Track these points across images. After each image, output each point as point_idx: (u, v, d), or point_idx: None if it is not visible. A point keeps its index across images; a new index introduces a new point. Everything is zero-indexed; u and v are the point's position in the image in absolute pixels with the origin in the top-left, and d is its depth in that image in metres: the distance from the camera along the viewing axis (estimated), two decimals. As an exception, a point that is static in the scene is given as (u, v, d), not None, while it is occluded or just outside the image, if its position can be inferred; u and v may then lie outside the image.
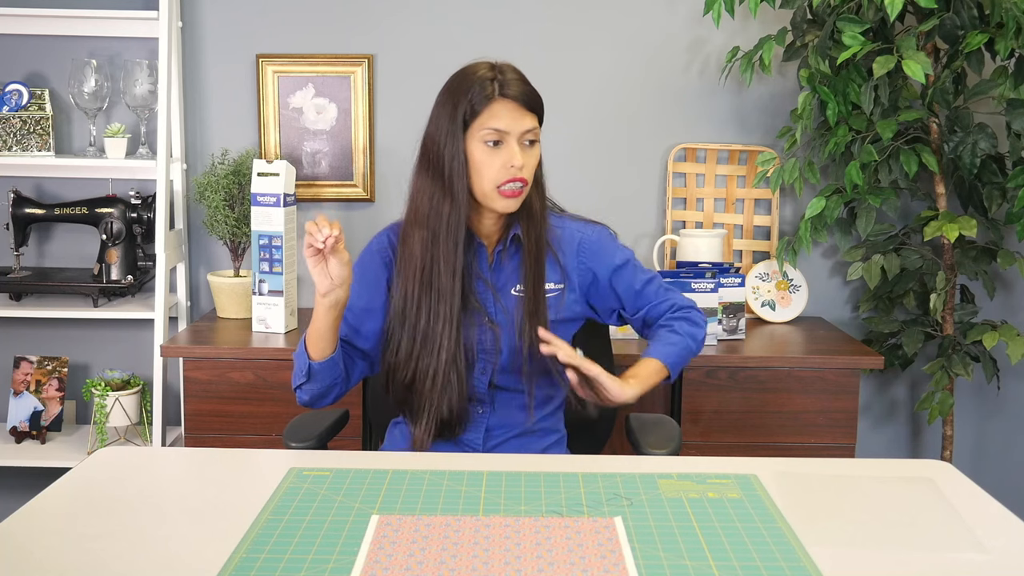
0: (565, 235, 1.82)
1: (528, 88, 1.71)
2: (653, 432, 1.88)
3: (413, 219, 1.75)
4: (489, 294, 1.78)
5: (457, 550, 1.26)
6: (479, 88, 1.68)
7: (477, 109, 1.68)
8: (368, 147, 2.85)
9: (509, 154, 1.68)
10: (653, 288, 1.87)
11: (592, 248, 1.83)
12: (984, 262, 2.66)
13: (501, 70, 1.71)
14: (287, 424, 1.89)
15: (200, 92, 2.85)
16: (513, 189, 1.69)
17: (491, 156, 1.68)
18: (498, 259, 1.79)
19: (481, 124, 1.68)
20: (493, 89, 1.68)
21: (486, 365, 1.79)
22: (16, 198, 2.74)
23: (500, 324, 1.77)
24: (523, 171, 1.69)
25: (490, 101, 1.68)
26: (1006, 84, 2.40)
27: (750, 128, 2.86)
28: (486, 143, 1.68)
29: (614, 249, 1.85)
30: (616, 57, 2.84)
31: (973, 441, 3.00)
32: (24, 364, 2.85)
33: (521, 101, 1.69)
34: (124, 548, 1.26)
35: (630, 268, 1.85)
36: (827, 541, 1.31)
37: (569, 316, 1.84)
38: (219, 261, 2.92)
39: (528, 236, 1.76)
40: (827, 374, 2.47)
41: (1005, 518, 1.40)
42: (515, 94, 1.68)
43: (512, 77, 1.71)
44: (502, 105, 1.68)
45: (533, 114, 1.71)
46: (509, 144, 1.68)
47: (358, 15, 2.82)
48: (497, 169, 1.68)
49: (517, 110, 1.68)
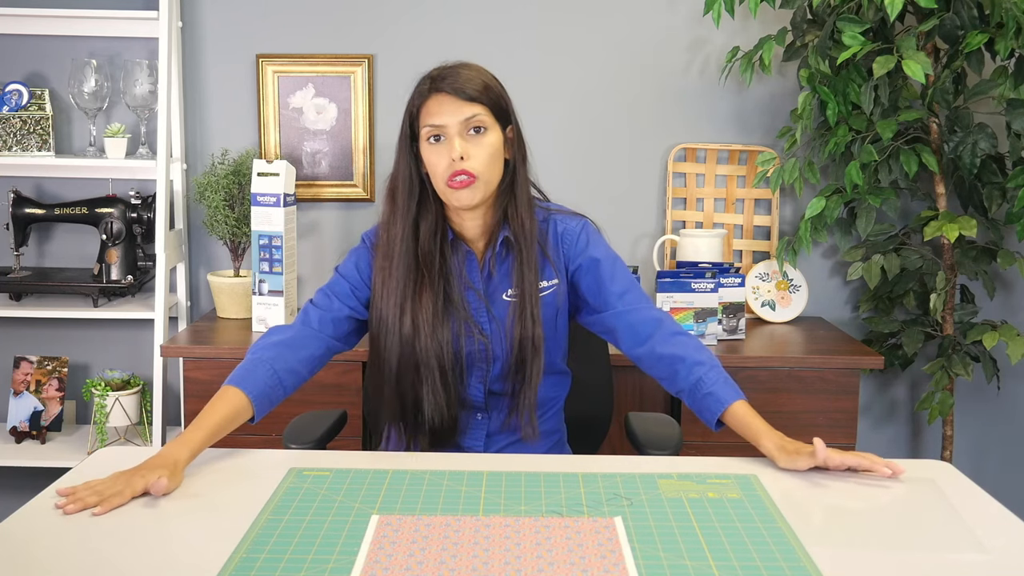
0: (548, 228, 1.78)
1: (469, 79, 1.66)
2: (653, 432, 1.88)
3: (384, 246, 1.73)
4: (481, 304, 1.75)
5: (457, 550, 1.26)
6: (417, 90, 1.69)
7: (417, 110, 1.68)
8: (368, 147, 2.85)
9: (450, 147, 1.64)
10: (632, 296, 1.76)
11: (570, 239, 1.77)
12: (984, 262, 2.66)
13: (447, 67, 1.69)
14: (287, 424, 1.89)
15: (200, 92, 2.85)
16: (460, 181, 1.64)
17: (436, 153, 1.66)
18: (488, 266, 1.75)
19: (422, 123, 1.67)
20: (427, 86, 1.68)
21: (481, 374, 1.77)
22: (16, 198, 2.74)
23: (491, 333, 1.75)
24: (467, 162, 1.64)
25: (425, 99, 1.67)
26: (1006, 84, 2.40)
27: (750, 128, 2.86)
28: (428, 140, 1.66)
29: (589, 243, 1.78)
30: (616, 57, 2.84)
31: (973, 441, 3.00)
32: (24, 364, 2.85)
33: (455, 92, 1.65)
34: (124, 548, 1.26)
35: (605, 265, 1.77)
36: (827, 541, 1.31)
37: (566, 309, 1.81)
38: (219, 261, 2.92)
39: (518, 240, 1.72)
40: (827, 374, 2.47)
41: (1005, 518, 1.40)
42: (449, 87, 1.65)
43: (451, 71, 1.67)
44: (436, 100, 1.66)
45: (474, 103, 1.65)
46: (450, 137, 1.65)
47: (358, 15, 2.82)
48: (443, 165, 1.65)
49: (453, 102, 1.65)
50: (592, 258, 1.77)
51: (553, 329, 1.79)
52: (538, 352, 1.73)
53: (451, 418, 1.74)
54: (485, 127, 1.67)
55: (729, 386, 1.67)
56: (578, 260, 1.77)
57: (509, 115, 1.72)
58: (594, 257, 1.77)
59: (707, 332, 2.52)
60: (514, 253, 1.73)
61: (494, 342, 1.75)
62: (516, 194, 1.73)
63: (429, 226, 1.72)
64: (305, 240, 2.90)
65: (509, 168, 1.73)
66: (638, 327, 1.73)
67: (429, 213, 1.72)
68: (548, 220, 1.78)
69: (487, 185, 1.67)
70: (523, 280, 1.72)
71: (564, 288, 1.78)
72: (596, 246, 1.78)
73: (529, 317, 1.71)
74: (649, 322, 1.73)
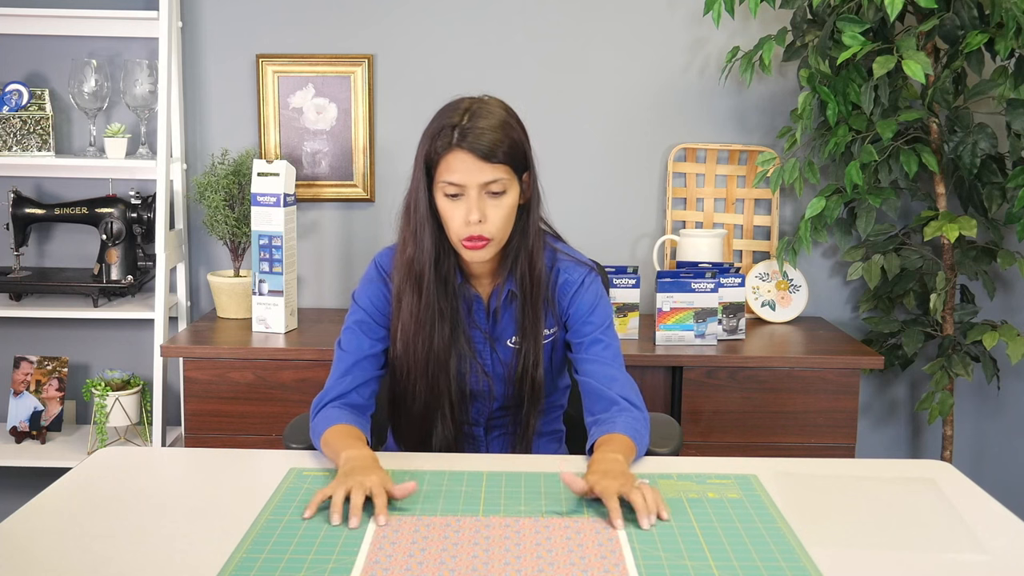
0: (553, 275, 1.74)
1: (491, 135, 1.57)
2: (653, 432, 1.88)
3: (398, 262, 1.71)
4: (487, 344, 1.75)
5: (457, 550, 1.26)
6: (441, 136, 1.59)
7: (437, 159, 1.59)
8: (368, 147, 2.85)
9: (467, 208, 1.59)
10: (610, 354, 1.72)
11: (567, 291, 1.74)
12: (984, 262, 2.66)
13: (473, 114, 1.59)
14: (287, 424, 1.89)
15: (200, 92, 2.85)
16: (474, 244, 1.61)
17: (452, 208, 1.60)
18: (494, 314, 1.74)
19: (440, 175, 1.60)
20: (451, 138, 1.57)
21: (481, 407, 1.79)
22: (16, 198, 2.74)
23: (495, 375, 1.76)
24: (483, 226, 1.60)
25: (447, 151, 1.58)
26: (1006, 84, 2.39)
27: (750, 128, 2.86)
28: (446, 195, 1.60)
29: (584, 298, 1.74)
30: (616, 57, 2.84)
31: (973, 441, 3.00)
32: (24, 364, 2.85)
33: (479, 152, 1.56)
34: (124, 548, 1.26)
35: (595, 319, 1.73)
36: (827, 541, 1.31)
37: (562, 350, 1.81)
38: (219, 261, 2.92)
39: (523, 289, 1.70)
40: (827, 374, 2.47)
41: (1005, 518, 1.40)
42: (473, 145, 1.56)
43: (478, 124, 1.57)
44: (458, 157, 1.57)
45: (495, 163, 1.58)
46: (468, 197, 1.59)
47: (358, 15, 2.82)
48: (458, 223, 1.60)
49: (474, 162, 1.57)
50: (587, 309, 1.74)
51: (551, 368, 1.81)
52: (538, 395, 1.74)
53: (458, 440, 1.77)
54: (505, 189, 1.61)
55: (629, 428, 1.61)
56: (569, 311, 1.75)
57: (528, 163, 1.66)
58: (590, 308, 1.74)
59: (707, 332, 2.52)
60: (518, 301, 1.72)
61: (496, 382, 1.77)
62: (526, 238, 1.69)
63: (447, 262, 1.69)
64: (305, 240, 2.90)
65: (522, 213, 1.68)
66: (593, 401, 1.70)
67: (444, 250, 1.68)
68: (554, 267, 1.74)
69: (500, 242, 1.65)
70: (526, 329, 1.71)
71: (561, 336, 1.78)
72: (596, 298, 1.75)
73: (531, 367, 1.72)
74: (603, 400, 1.68)
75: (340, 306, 2.92)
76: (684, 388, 2.46)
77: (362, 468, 1.43)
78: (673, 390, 2.51)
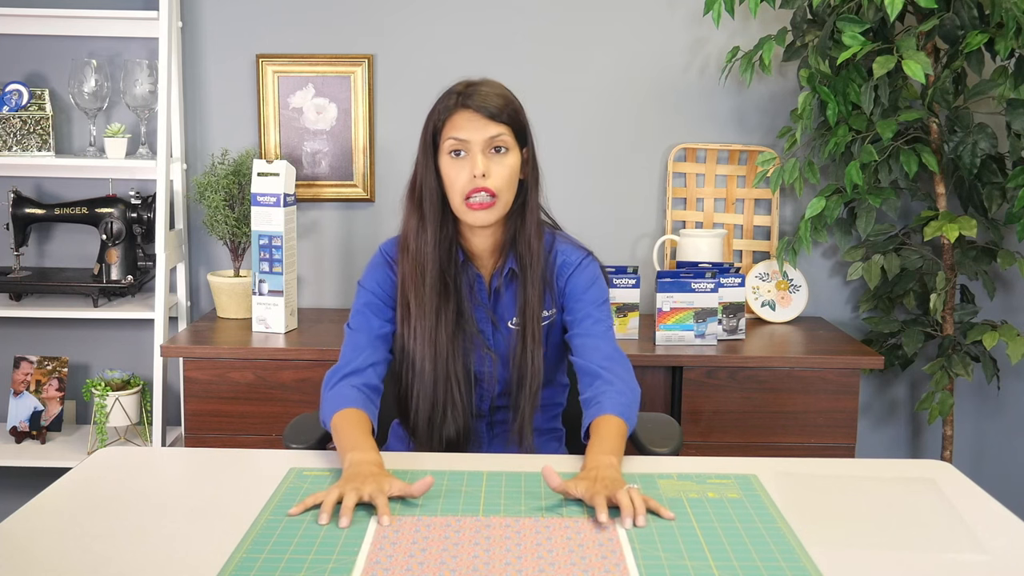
0: (552, 257, 1.78)
1: (495, 98, 1.67)
2: (653, 432, 1.88)
3: (403, 245, 1.75)
4: (489, 323, 1.78)
5: (457, 550, 1.26)
6: (444, 103, 1.69)
7: (441, 123, 1.68)
8: (368, 147, 2.85)
9: (472, 163, 1.65)
10: (600, 329, 1.75)
11: (565, 272, 1.78)
12: (984, 262, 2.66)
13: (472, 83, 1.70)
14: (287, 424, 1.89)
15: (200, 92, 2.85)
16: (480, 201, 1.66)
17: (456, 168, 1.67)
18: (496, 293, 1.78)
19: (445, 136, 1.68)
20: (455, 101, 1.68)
21: (484, 394, 1.80)
22: (16, 198, 2.74)
23: (499, 355, 1.78)
24: (488, 180, 1.65)
25: (452, 112, 1.67)
26: (1006, 84, 2.40)
27: (750, 128, 2.86)
28: (450, 154, 1.67)
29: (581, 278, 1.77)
30: (616, 57, 2.84)
31: (973, 441, 3.00)
32: (24, 364, 2.85)
33: (482, 110, 1.66)
34: (124, 548, 1.26)
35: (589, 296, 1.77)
36: (827, 541, 1.31)
37: (560, 332, 1.83)
38: (219, 261, 2.92)
39: (523, 267, 1.73)
40: (827, 374, 2.47)
41: (1005, 518, 1.40)
42: (477, 104, 1.66)
43: (481, 89, 1.68)
44: (463, 115, 1.66)
45: (499, 123, 1.67)
46: (472, 153, 1.66)
47: (358, 15, 2.82)
48: (463, 181, 1.66)
49: (479, 119, 1.66)
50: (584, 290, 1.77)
51: (550, 355, 1.82)
52: (537, 377, 1.75)
53: (467, 428, 1.77)
54: (507, 148, 1.68)
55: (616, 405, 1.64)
56: (566, 290, 1.78)
57: (527, 137, 1.74)
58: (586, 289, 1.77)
59: (707, 332, 2.52)
60: (519, 281, 1.75)
61: (498, 364, 1.78)
62: (526, 216, 1.74)
63: (450, 240, 1.74)
64: (305, 240, 2.90)
65: (522, 189, 1.74)
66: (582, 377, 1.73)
67: (449, 227, 1.73)
68: (553, 249, 1.79)
69: (504, 205, 1.70)
70: (526, 310, 1.74)
71: (559, 318, 1.80)
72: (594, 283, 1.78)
73: (531, 346, 1.74)
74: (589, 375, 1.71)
75: (340, 306, 2.92)
76: (684, 388, 2.46)
77: (363, 475, 1.43)
78: (673, 390, 2.52)
